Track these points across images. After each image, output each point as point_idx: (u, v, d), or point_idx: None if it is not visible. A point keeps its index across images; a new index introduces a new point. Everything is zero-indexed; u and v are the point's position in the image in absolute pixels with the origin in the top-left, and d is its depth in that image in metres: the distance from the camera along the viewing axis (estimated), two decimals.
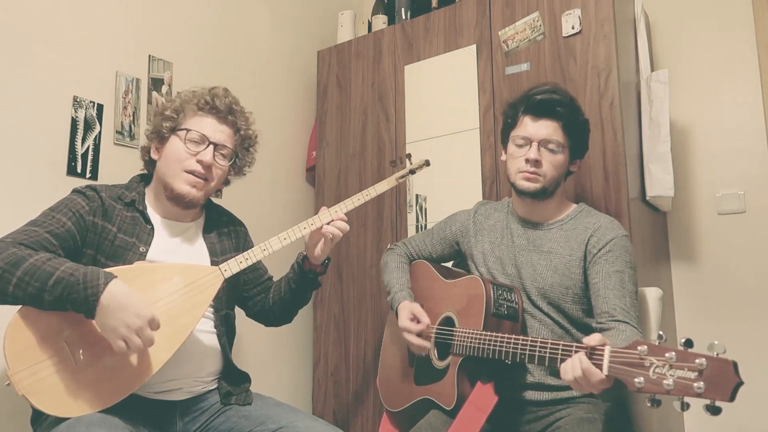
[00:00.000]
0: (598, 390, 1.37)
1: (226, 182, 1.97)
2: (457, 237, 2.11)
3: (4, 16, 2.06)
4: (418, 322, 1.91)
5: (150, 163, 1.87)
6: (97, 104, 2.31)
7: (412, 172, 2.08)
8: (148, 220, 1.77)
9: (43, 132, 2.15)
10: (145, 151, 1.87)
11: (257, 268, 2.03)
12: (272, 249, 1.78)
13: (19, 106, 2.08)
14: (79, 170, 2.23)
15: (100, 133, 2.31)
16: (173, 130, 1.80)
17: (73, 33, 2.27)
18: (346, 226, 1.85)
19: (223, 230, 1.95)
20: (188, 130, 1.78)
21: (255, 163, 2.00)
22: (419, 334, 1.90)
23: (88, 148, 2.27)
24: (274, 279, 2.08)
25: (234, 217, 2.05)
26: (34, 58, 2.14)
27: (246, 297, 2.03)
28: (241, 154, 1.92)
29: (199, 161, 1.77)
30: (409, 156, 2.16)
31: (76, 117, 2.24)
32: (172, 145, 1.79)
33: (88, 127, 2.28)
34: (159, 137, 1.81)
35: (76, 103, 2.25)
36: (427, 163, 2.11)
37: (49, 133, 2.17)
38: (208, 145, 1.79)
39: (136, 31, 2.50)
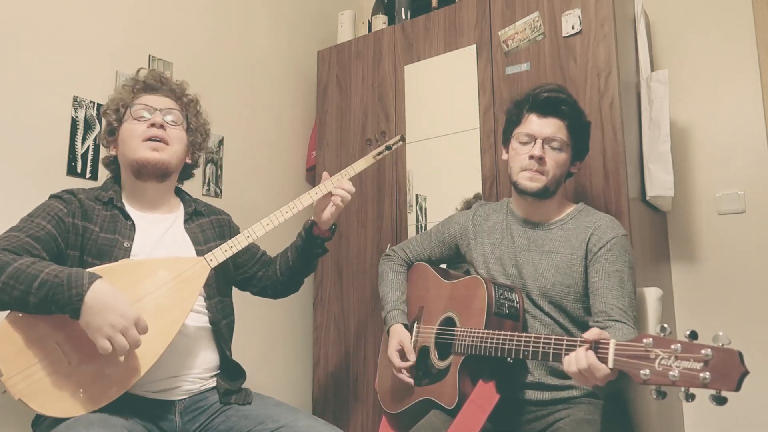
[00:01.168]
0: (603, 383, 1.37)
1: (196, 159, 2.00)
2: (456, 239, 2.11)
3: (3, 16, 2.06)
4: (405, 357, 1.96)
5: (112, 164, 1.90)
6: (97, 104, 2.31)
7: (388, 148, 2.09)
8: (127, 216, 1.78)
9: (43, 132, 2.15)
10: (106, 157, 1.91)
11: (249, 248, 2.04)
12: (256, 235, 1.83)
13: (19, 106, 2.08)
14: (79, 170, 2.23)
15: (100, 133, 2.30)
16: (120, 120, 1.84)
17: (73, 33, 2.27)
18: (352, 189, 1.97)
19: (204, 220, 1.96)
20: (130, 107, 1.83)
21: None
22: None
23: (88, 148, 2.27)
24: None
25: (213, 207, 2.06)
26: (34, 58, 2.14)
27: (247, 278, 2.06)
28: (192, 120, 1.96)
29: (151, 125, 1.81)
30: (383, 134, 2.18)
31: (76, 117, 2.24)
32: (124, 130, 1.82)
33: (88, 127, 2.28)
34: (110, 133, 1.86)
35: (76, 103, 2.25)
36: (402, 139, 2.14)
37: (49, 133, 2.17)
38: (154, 112, 1.83)
39: (136, 31, 2.50)
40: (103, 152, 1.96)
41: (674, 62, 2.81)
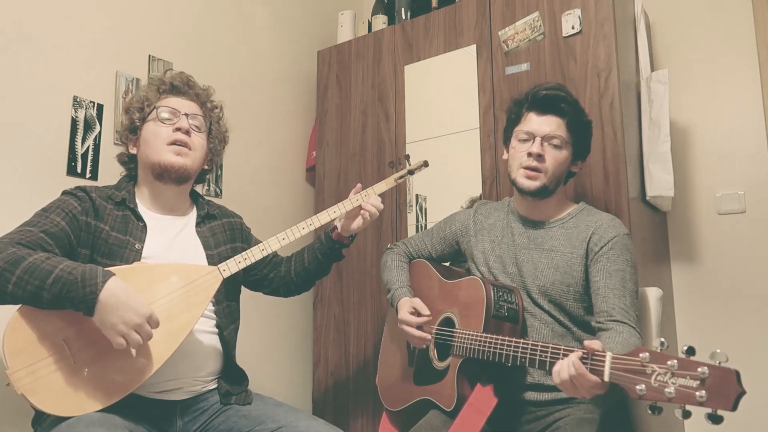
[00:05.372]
0: (590, 394, 1.38)
1: (213, 162, 1.99)
2: (457, 236, 2.11)
3: (3, 16, 2.06)
4: (419, 315, 1.93)
5: (131, 162, 1.90)
6: (97, 104, 2.31)
7: (411, 172, 2.09)
8: (139, 218, 1.78)
9: (43, 132, 2.15)
10: (123, 153, 1.91)
11: None
12: (271, 249, 1.84)
13: (19, 106, 2.08)
14: (79, 170, 2.23)
15: (100, 133, 2.31)
16: (144, 119, 1.84)
17: (73, 33, 2.26)
18: (381, 206, 2.01)
19: (216, 223, 1.96)
20: (157, 108, 1.84)
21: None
22: (420, 327, 1.92)
23: (88, 148, 2.27)
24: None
25: (226, 210, 2.06)
26: (34, 58, 2.14)
27: (258, 279, 2.08)
28: (214, 126, 1.97)
29: (177, 129, 1.81)
30: (407, 157, 2.17)
31: (76, 117, 2.24)
32: (148, 129, 1.83)
33: (88, 127, 2.28)
34: (132, 131, 1.86)
35: (76, 103, 2.24)
36: (425, 164, 2.12)
37: (49, 133, 2.17)
38: (180, 116, 1.84)
39: (136, 31, 2.50)
40: (112, 149, 1.98)
41: (674, 62, 2.81)
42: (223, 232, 1.96)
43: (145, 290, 1.58)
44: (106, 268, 1.52)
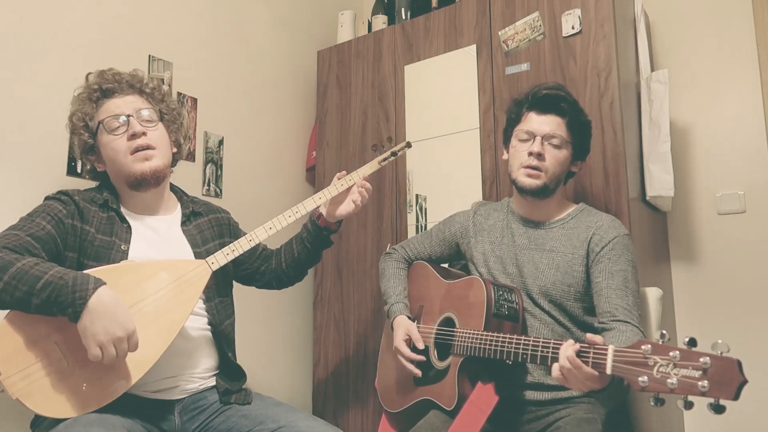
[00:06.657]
0: (587, 387, 1.38)
1: (178, 143, 1.93)
2: (456, 238, 2.11)
3: (4, 16, 2.06)
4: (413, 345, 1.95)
5: (102, 175, 1.86)
6: None
7: (394, 154, 2.09)
8: (123, 219, 1.77)
9: (44, 132, 2.14)
10: (92, 173, 1.87)
11: None
12: (259, 239, 1.83)
13: (19, 106, 2.08)
14: (79, 170, 2.22)
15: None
16: (94, 136, 1.78)
17: (73, 33, 2.26)
18: (370, 187, 2.02)
19: (202, 220, 1.94)
20: (102, 121, 1.76)
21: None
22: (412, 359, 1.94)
23: None
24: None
25: (212, 205, 2.04)
26: (34, 58, 2.13)
27: (249, 273, 2.07)
28: (162, 107, 1.88)
29: (132, 136, 1.75)
30: (389, 139, 2.18)
31: None
32: (104, 145, 1.77)
33: None
34: (90, 151, 1.81)
35: None
36: (408, 145, 2.13)
37: (50, 133, 2.16)
38: (128, 118, 1.76)
39: (136, 31, 2.49)
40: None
41: (674, 62, 2.81)
42: (210, 229, 1.94)
43: (134, 288, 1.57)
44: (94, 271, 1.51)
